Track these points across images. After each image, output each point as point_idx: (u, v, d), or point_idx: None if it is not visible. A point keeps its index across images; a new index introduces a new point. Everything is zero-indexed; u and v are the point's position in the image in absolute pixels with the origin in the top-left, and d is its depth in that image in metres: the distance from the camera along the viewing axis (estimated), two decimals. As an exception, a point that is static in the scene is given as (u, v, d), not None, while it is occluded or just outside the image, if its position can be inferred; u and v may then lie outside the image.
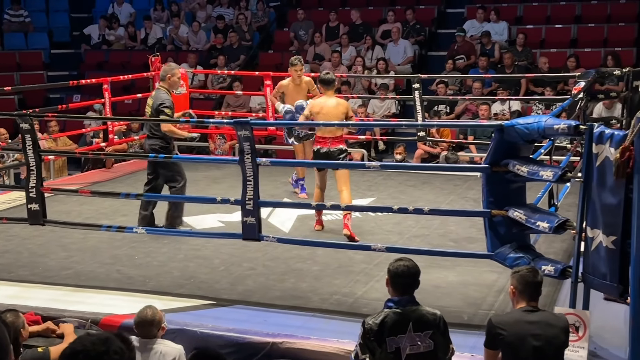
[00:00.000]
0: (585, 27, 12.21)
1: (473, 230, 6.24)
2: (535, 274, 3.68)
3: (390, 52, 12.29)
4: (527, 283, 3.66)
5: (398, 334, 3.49)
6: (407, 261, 3.64)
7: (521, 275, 3.68)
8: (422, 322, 3.52)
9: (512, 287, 3.72)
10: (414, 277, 3.60)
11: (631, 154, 3.59)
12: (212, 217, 6.98)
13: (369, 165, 5.93)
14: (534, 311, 3.63)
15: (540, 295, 3.70)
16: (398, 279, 3.59)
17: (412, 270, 3.60)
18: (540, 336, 3.54)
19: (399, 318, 3.50)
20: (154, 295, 5.15)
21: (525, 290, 3.66)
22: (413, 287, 3.61)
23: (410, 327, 3.49)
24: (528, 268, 3.76)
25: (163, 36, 14.34)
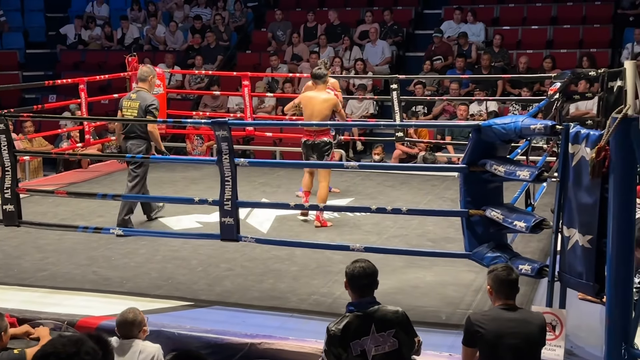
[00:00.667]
0: (561, 28, 12.33)
1: (451, 230, 6.27)
2: (509, 272, 3.71)
3: (368, 52, 12.31)
4: (501, 282, 3.69)
5: (362, 337, 3.50)
6: (364, 262, 3.66)
7: (495, 274, 3.71)
8: (385, 321, 3.54)
9: (488, 287, 3.76)
10: (371, 278, 3.62)
11: (607, 153, 3.62)
12: (190, 217, 6.95)
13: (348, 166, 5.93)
14: (512, 309, 3.67)
15: (517, 293, 3.72)
16: (355, 280, 3.61)
17: (368, 270, 3.61)
18: (518, 334, 3.57)
19: (360, 321, 3.52)
20: (131, 296, 5.11)
21: (501, 288, 3.69)
22: (372, 287, 3.63)
23: (373, 328, 3.51)
24: (502, 266, 3.79)
25: (140, 36, 14.25)
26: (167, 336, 4.46)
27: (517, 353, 3.56)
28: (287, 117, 6.83)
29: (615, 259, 3.64)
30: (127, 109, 6.74)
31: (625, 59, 10.11)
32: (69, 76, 10.65)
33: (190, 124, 9.79)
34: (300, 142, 7.17)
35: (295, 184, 8.47)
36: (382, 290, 4.07)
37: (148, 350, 4.03)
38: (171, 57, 12.81)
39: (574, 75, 7.58)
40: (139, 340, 4.10)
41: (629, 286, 3.69)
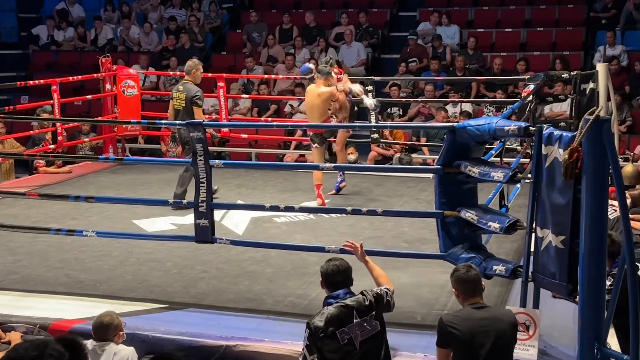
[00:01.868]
0: (535, 31, 12.44)
1: (426, 231, 6.29)
2: (468, 270, 3.75)
3: (344, 54, 12.33)
4: (463, 281, 3.73)
5: (347, 325, 3.63)
6: (337, 260, 3.84)
7: (457, 275, 3.77)
8: (363, 307, 3.69)
9: (454, 290, 3.81)
10: (345, 274, 3.79)
11: (579, 155, 3.65)
12: (165, 219, 6.90)
13: (323, 167, 5.93)
14: (482, 307, 3.70)
15: (482, 290, 3.76)
16: (330, 277, 3.79)
17: (341, 268, 3.80)
18: (491, 332, 3.60)
19: (343, 310, 3.66)
20: (105, 299, 5.07)
21: (465, 288, 3.74)
22: (346, 283, 3.79)
23: (355, 314, 3.65)
24: (462, 266, 3.83)
25: (114, 37, 14.13)
26: (141, 339, 4.43)
27: (491, 351, 3.58)
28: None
29: (588, 259, 3.68)
30: (176, 99, 7.39)
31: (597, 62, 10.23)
32: (41, 77, 10.54)
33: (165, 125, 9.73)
34: (275, 144, 7.20)
35: (271, 186, 8.46)
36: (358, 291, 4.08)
37: (122, 353, 4.00)
38: (146, 59, 12.72)
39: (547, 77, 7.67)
40: (113, 344, 4.07)
41: (601, 286, 3.73)
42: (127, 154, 10.31)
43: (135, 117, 9.52)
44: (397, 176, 8.75)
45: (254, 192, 8.17)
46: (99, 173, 9.16)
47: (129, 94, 9.76)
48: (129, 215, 6.98)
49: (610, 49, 11.21)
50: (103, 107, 9.90)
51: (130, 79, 9.80)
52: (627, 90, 10.79)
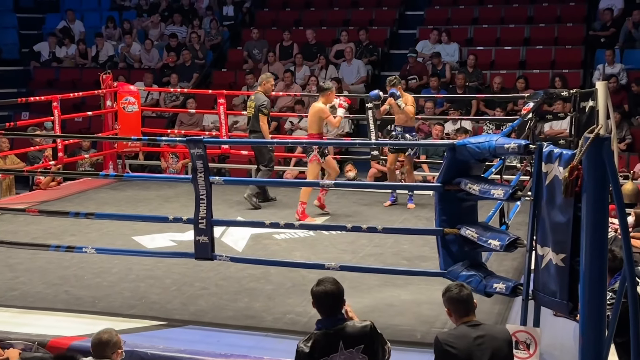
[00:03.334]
0: (534, 49, 12.49)
1: (426, 248, 6.28)
2: (460, 290, 3.73)
3: (344, 71, 12.37)
4: (456, 301, 3.72)
5: (330, 354, 3.52)
6: (327, 284, 3.67)
7: (448, 295, 3.75)
8: (352, 338, 3.56)
9: (446, 310, 3.79)
10: (333, 299, 3.63)
11: (579, 172, 3.66)
12: (164, 236, 6.89)
13: (323, 184, 5.93)
14: (477, 325, 3.69)
15: (474, 308, 3.75)
16: (320, 301, 3.66)
17: (329, 292, 3.63)
18: (487, 349, 3.59)
19: (328, 338, 3.55)
20: (104, 316, 5.05)
21: (457, 308, 3.72)
22: (337, 307, 3.64)
23: (341, 345, 3.53)
24: (454, 285, 3.80)
25: (115, 54, 14.19)
26: (140, 356, 4.41)
27: None
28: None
29: (589, 278, 3.67)
30: (248, 107, 8.39)
31: (596, 80, 10.27)
32: (42, 94, 10.56)
33: (165, 142, 9.76)
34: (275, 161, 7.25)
35: (271, 202, 8.45)
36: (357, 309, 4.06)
37: (120, 371, 3.99)
38: (149, 76, 12.75)
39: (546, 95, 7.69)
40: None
41: (602, 305, 3.71)
42: (127, 170, 10.32)
43: (136, 134, 9.53)
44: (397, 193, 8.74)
45: (254, 209, 8.16)
46: (99, 189, 9.16)
47: (129, 110, 9.78)
48: (129, 232, 6.98)
49: (610, 68, 11.25)
50: (103, 124, 9.92)
51: (131, 95, 9.82)
52: (626, 108, 10.81)
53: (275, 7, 14.66)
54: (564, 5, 13.02)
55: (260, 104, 8.14)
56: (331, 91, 7.82)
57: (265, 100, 8.16)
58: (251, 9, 14.72)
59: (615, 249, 4.85)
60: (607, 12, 12.20)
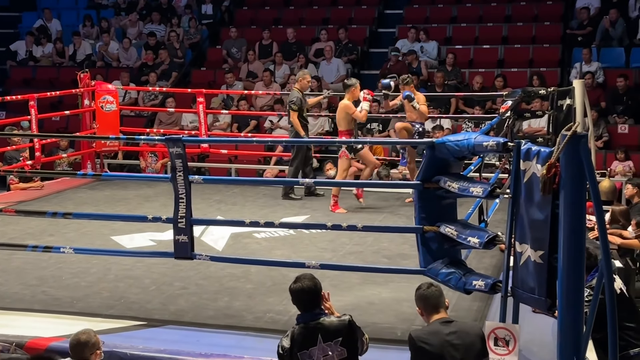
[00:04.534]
0: (512, 48, 12.57)
1: (406, 246, 6.30)
2: (428, 287, 3.83)
3: (323, 70, 12.37)
4: (425, 298, 3.81)
5: (309, 347, 3.62)
6: (304, 281, 3.78)
7: (419, 294, 3.84)
8: (331, 331, 3.66)
9: (418, 309, 3.86)
10: (310, 294, 3.74)
11: (557, 170, 3.68)
12: (143, 235, 6.85)
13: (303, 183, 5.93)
14: (449, 322, 3.75)
15: (445, 305, 3.82)
16: (297, 297, 3.76)
17: (306, 289, 3.74)
18: (460, 345, 3.65)
19: (307, 332, 3.65)
20: (82, 316, 5.01)
21: (427, 305, 3.80)
22: (315, 302, 3.75)
23: (319, 338, 3.63)
24: (424, 284, 3.89)
25: (92, 52, 14.09)
26: (119, 357, 4.38)
27: None
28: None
29: (567, 274, 3.70)
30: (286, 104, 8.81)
31: (574, 78, 10.35)
32: (19, 93, 10.44)
33: (144, 141, 9.71)
34: (255, 159, 7.21)
35: (251, 201, 8.44)
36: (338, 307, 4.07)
37: (99, 372, 3.97)
38: (126, 75, 12.67)
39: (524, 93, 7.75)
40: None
41: (580, 301, 3.75)
42: (105, 169, 10.25)
43: (114, 133, 9.47)
44: (377, 191, 8.77)
45: (233, 207, 8.14)
46: (77, 189, 9.08)
47: (107, 109, 9.71)
48: (107, 232, 6.93)
49: (586, 66, 11.36)
50: (81, 123, 9.84)
51: (109, 94, 9.76)
52: (603, 106, 10.92)
53: (254, 5, 14.63)
54: (542, 4, 13.12)
55: (290, 100, 8.49)
56: (355, 87, 8.03)
57: (295, 97, 8.43)
58: (230, 8, 14.67)
59: (589, 247, 4.92)
60: (584, 11, 12.31)
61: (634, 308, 4.99)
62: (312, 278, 3.81)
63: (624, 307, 4.83)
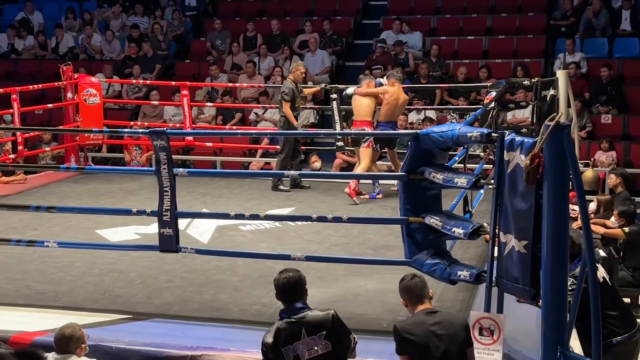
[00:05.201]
0: (496, 39, 12.61)
1: (391, 237, 6.32)
2: (412, 278, 3.86)
3: (308, 62, 12.34)
4: (409, 289, 3.83)
5: (293, 342, 3.60)
6: (290, 272, 3.77)
7: (403, 285, 3.86)
8: (314, 325, 3.64)
9: (402, 301, 3.89)
10: (295, 287, 3.73)
11: (540, 160, 3.70)
12: (128, 229, 6.82)
13: (288, 175, 5.93)
14: (434, 312, 3.79)
15: (429, 295, 3.85)
16: (280, 291, 3.75)
17: (292, 281, 3.73)
18: (444, 335, 3.69)
19: (291, 326, 3.64)
20: (67, 311, 4.99)
21: (411, 296, 3.83)
22: (299, 295, 3.73)
23: (303, 332, 3.61)
24: (407, 275, 3.91)
25: (75, 45, 13.98)
26: (104, 351, 4.37)
27: (446, 354, 3.67)
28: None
29: (550, 264, 3.72)
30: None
31: (557, 69, 10.41)
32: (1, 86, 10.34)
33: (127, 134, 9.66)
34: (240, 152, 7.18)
35: (236, 194, 8.43)
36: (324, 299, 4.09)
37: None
38: (109, 67, 12.59)
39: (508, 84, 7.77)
40: (76, 356, 4.02)
41: (563, 290, 3.77)
42: (89, 163, 10.19)
43: (98, 126, 9.41)
44: (362, 183, 8.77)
45: (219, 200, 8.13)
46: (60, 183, 9.03)
47: (91, 102, 9.65)
48: (92, 225, 6.90)
49: (570, 56, 11.40)
50: (64, 116, 9.77)
51: (93, 87, 9.69)
52: (586, 96, 10.98)
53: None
54: (526, -6, 13.17)
55: (282, 90, 8.50)
56: (371, 79, 8.37)
57: (288, 87, 8.44)
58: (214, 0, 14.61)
59: (573, 235, 4.97)
60: (567, 2, 12.35)
61: (616, 297, 5.04)
62: (297, 271, 3.81)
63: (607, 295, 4.88)
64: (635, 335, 4.91)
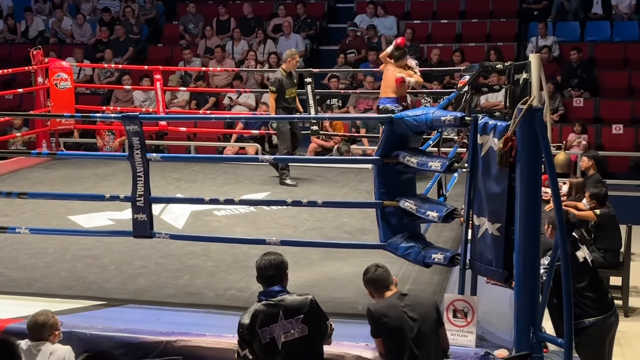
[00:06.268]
0: (469, 22, 12.64)
1: (366, 221, 6.33)
2: (375, 269, 3.97)
3: (282, 46, 12.29)
4: (374, 281, 3.95)
5: (270, 324, 3.62)
6: (272, 255, 3.83)
7: (367, 277, 3.98)
8: (292, 308, 3.67)
9: (368, 292, 3.99)
10: (276, 269, 3.77)
11: (513, 143, 3.73)
12: (102, 215, 6.76)
13: (263, 159, 5.91)
14: (404, 295, 3.89)
15: (393, 281, 3.95)
16: (262, 272, 3.78)
17: (274, 262, 3.78)
18: (416, 317, 3.78)
19: (268, 309, 3.66)
20: (40, 297, 4.94)
21: (377, 286, 3.94)
22: (279, 278, 3.77)
23: (281, 315, 3.63)
24: (370, 267, 4.01)
25: (45, 29, 13.78)
26: (78, 337, 4.33)
27: (419, 335, 3.75)
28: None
29: (523, 246, 3.76)
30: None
31: (530, 52, 10.47)
32: (-31, 71, 10.19)
33: (100, 119, 9.56)
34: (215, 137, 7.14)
35: (211, 179, 8.39)
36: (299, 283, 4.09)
37: (58, 353, 3.95)
38: (80, 51, 12.43)
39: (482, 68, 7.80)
40: (49, 343, 4.00)
41: (536, 272, 3.82)
42: (61, 148, 10.08)
43: (69, 111, 9.29)
44: (337, 167, 8.78)
45: (193, 185, 8.09)
46: (32, 168, 8.91)
47: (62, 87, 9.51)
48: (64, 212, 6.83)
49: (542, 40, 11.48)
50: (35, 101, 9.63)
51: (63, 71, 9.56)
52: (559, 80, 11.07)
53: (211, -20, 14.45)
54: (499, -22, 13.21)
55: (270, 80, 8.08)
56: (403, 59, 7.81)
57: (276, 78, 7.95)
58: (187, -18, 14.46)
59: (569, 213, 5.13)
60: (540, -15, 12.43)
61: (596, 278, 5.07)
62: (280, 255, 3.84)
63: (586, 276, 4.95)
64: (610, 318, 4.97)
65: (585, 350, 4.92)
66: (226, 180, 8.30)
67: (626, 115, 10.67)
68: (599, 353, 4.97)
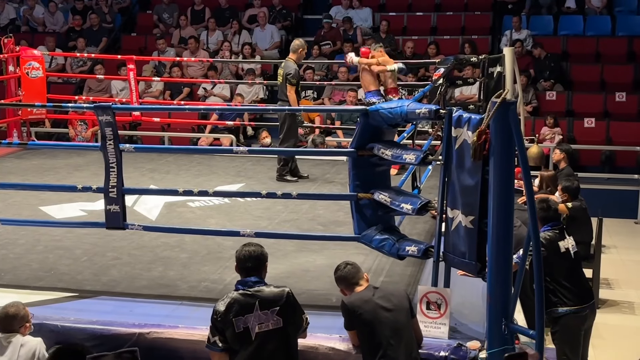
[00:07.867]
0: (444, 15, 12.68)
1: (341, 213, 6.34)
2: (345, 267, 4.07)
3: (257, 37, 12.24)
4: (344, 278, 4.04)
5: (245, 314, 3.65)
6: (253, 246, 3.86)
7: (338, 276, 4.08)
8: (268, 300, 3.70)
9: (340, 290, 4.08)
10: (256, 260, 3.80)
11: (487, 136, 3.75)
12: (74, 205, 6.69)
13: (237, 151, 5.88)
14: (375, 288, 3.99)
15: (363, 277, 4.06)
16: (241, 262, 3.81)
17: (254, 254, 3.81)
18: (389, 308, 3.85)
19: (245, 298, 3.68)
20: (10, 289, 4.89)
21: (348, 283, 4.02)
22: (258, 269, 3.80)
23: (256, 305, 3.66)
24: (340, 265, 4.11)
25: (17, 17, 13.57)
26: (50, 329, 4.30)
27: (394, 324, 3.81)
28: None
29: (496, 238, 3.78)
30: (279, 75, 7.84)
31: (504, 46, 10.52)
32: (-62, 58, 10.00)
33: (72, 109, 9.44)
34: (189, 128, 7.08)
35: (185, 170, 8.34)
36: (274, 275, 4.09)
37: (29, 345, 3.92)
38: (52, 40, 12.27)
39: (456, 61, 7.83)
40: (20, 335, 3.97)
41: (508, 264, 3.84)
42: (32, 138, 9.95)
43: (41, 100, 9.18)
44: (312, 159, 8.77)
45: (167, 176, 8.03)
46: (2, 158, 8.80)
47: (33, 76, 9.39)
48: (36, 202, 6.75)
49: (516, 34, 11.55)
50: (6, 90, 9.50)
51: (35, 60, 9.43)
52: (532, 73, 11.16)
53: (186, -31, 14.31)
54: (474, -29, 13.25)
55: (287, 72, 7.62)
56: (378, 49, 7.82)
57: (294, 69, 7.64)
58: (161, -29, 14.31)
59: (551, 201, 5.25)
60: (514, -21, 12.50)
61: (575, 269, 5.10)
62: (261, 247, 3.87)
63: (567, 265, 5.00)
64: (585, 310, 5.02)
65: (560, 340, 5.00)
66: (200, 172, 8.26)
67: (598, 109, 10.79)
68: (574, 343, 5.03)
